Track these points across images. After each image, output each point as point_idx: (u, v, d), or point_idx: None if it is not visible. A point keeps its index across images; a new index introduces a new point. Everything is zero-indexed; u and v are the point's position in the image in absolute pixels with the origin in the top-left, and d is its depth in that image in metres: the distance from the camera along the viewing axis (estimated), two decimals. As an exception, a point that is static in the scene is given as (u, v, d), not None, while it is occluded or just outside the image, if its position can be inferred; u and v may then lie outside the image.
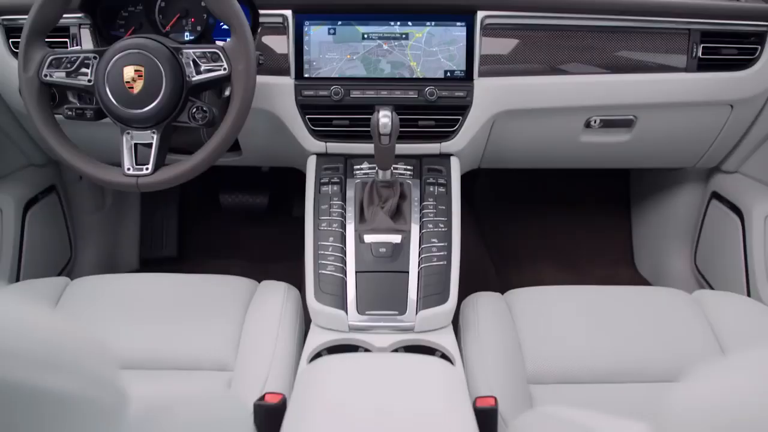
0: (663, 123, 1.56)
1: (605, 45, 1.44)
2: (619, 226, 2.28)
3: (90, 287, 1.35)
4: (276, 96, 1.41)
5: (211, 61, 1.20)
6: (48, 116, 1.22)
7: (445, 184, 1.40)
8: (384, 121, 1.20)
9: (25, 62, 1.20)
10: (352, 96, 1.40)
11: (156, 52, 1.18)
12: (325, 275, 1.29)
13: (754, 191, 1.69)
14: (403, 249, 1.31)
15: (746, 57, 1.47)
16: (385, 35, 1.40)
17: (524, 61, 1.43)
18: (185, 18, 1.42)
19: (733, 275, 1.69)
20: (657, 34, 1.44)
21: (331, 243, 1.31)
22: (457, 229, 1.35)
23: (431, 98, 1.39)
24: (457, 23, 1.39)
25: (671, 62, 1.46)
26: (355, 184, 1.40)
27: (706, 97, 1.49)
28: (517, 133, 1.54)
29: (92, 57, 1.21)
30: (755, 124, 1.60)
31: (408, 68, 1.41)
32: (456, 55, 1.40)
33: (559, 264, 2.20)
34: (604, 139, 1.58)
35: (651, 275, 2.13)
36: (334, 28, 1.39)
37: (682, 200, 1.99)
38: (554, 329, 1.25)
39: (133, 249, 2.21)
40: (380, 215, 1.33)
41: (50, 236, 1.86)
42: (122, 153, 1.21)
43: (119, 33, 1.45)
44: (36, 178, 1.80)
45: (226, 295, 1.32)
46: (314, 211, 1.37)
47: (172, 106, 1.19)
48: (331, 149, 1.46)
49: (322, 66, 1.40)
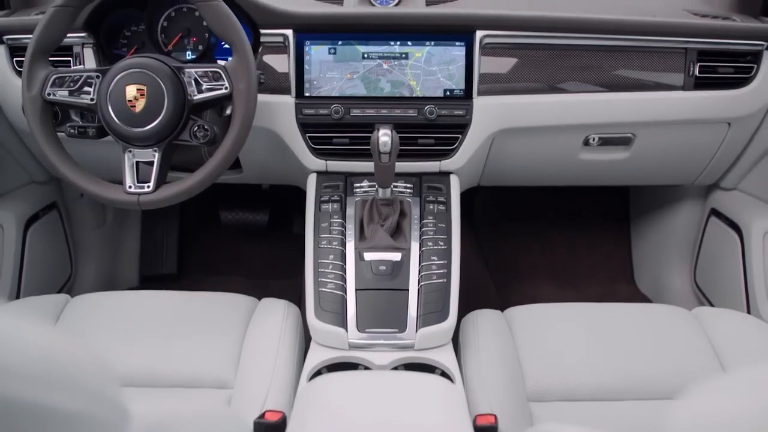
0: (661, 141, 1.57)
1: (603, 64, 1.45)
2: (619, 243, 2.28)
3: (90, 304, 1.35)
4: (277, 114, 1.42)
5: (212, 80, 1.21)
6: (50, 134, 1.23)
7: (444, 201, 1.41)
8: (384, 139, 1.21)
9: (29, 81, 1.21)
10: (353, 114, 1.41)
11: (158, 71, 1.19)
12: (325, 293, 1.29)
13: (752, 208, 1.70)
14: (402, 267, 1.31)
15: (742, 75, 1.49)
16: (385, 55, 1.41)
17: (523, 79, 1.44)
18: (187, 37, 1.44)
19: (732, 292, 1.69)
20: (654, 53, 1.46)
21: (332, 261, 1.32)
22: (457, 247, 1.35)
23: (431, 117, 1.40)
24: (456, 43, 1.40)
25: (668, 81, 1.47)
26: (355, 201, 1.41)
27: (703, 115, 1.50)
28: (516, 151, 1.54)
29: (95, 76, 1.22)
30: (752, 141, 1.61)
31: (408, 87, 1.42)
32: (455, 75, 1.41)
33: (558, 281, 2.20)
34: (603, 157, 1.59)
35: (651, 292, 2.13)
36: (335, 48, 1.41)
37: (682, 217, 1.99)
38: (554, 347, 1.24)
39: (133, 266, 2.21)
40: (380, 233, 1.33)
41: (51, 253, 1.86)
42: (124, 171, 1.22)
43: (122, 52, 1.47)
44: (37, 195, 1.81)
45: (226, 312, 1.32)
46: (314, 228, 1.37)
47: (174, 125, 1.20)
48: (331, 167, 1.46)
49: (323, 85, 1.42)
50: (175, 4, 1.42)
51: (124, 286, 2.17)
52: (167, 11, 1.43)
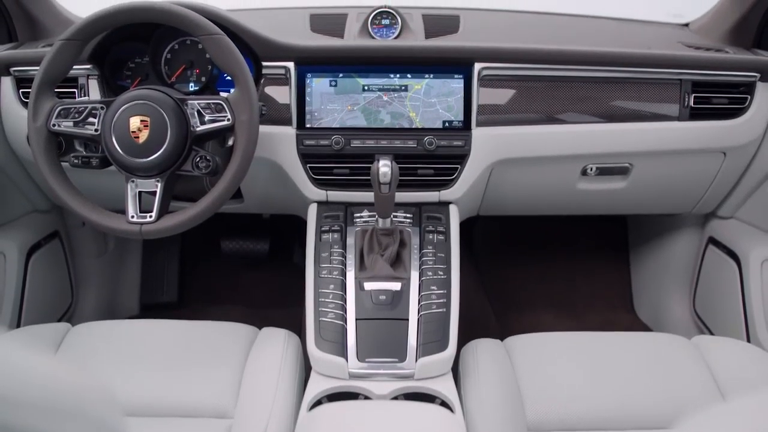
0: (658, 170, 1.58)
1: (600, 95, 1.47)
2: (618, 271, 2.28)
3: (91, 333, 1.35)
4: (278, 145, 1.44)
5: (215, 112, 1.22)
6: (54, 164, 1.24)
7: (444, 231, 1.42)
8: (384, 170, 1.22)
9: (35, 112, 1.22)
10: (353, 145, 1.43)
11: (161, 102, 1.21)
12: (326, 322, 1.29)
13: (749, 236, 1.70)
14: (402, 296, 1.31)
15: (737, 106, 1.51)
16: (384, 87, 1.43)
17: (521, 110, 1.46)
18: (190, 69, 1.46)
19: (732, 320, 1.69)
20: (650, 85, 1.48)
21: (332, 290, 1.32)
22: (456, 277, 1.36)
23: (430, 147, 1.42)
24: (454, 75, 1.43)
25: (664, 111, 1.49)
26: (355, 231, 1.42)
27: (699, 145, 1.52)
28: (515, 181, 1.56)
29: (99, 107, 1.24)
30: (748, 170, 1.62)
31: (407, 119, 1.44)
32: (454, 106, 1.43)
33: (558, 309, 2.19)
34: (601, 187, 1.60)
35: (650, 320, 2.13)
36: (336, 80, 1.43)
37: (680, 245, 2.00)
38: (554, 376, 1.24)
39: (133, 294, 2.21)
40: (380, 263, 1.34)
41: (52, 282, 1.86)
42: (126, 201, 1.23)
43: (126, 83, 1.49)
44: (40, 224, 1.82)
45: (227, 342, 1.32)
46: (315, 258, 1.38)
47: (177, 156, 1.21)
48: (331, 197, 1.48)
49: (324, 116, 1.44)
50: (179, 37, 1.44)
51: (124, 315, 2.16)
52: (171, 44, 1.45)
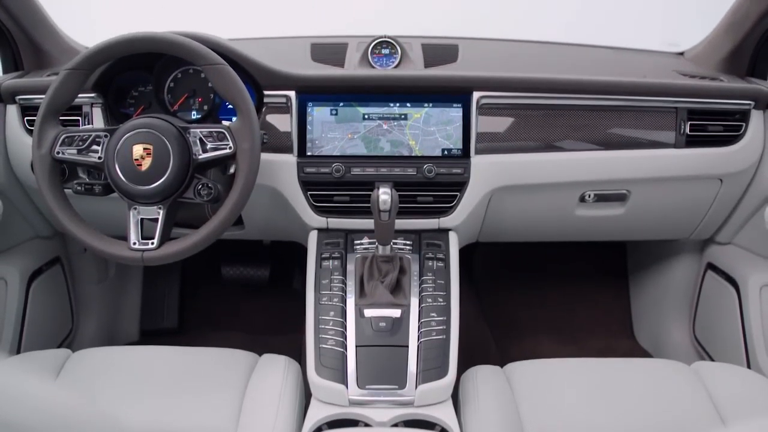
0: (656, 197, 1.60)
1: (597, 123, 1.49)
2: (618, 297, 2.29)
3: (91, 360, 1.35)
4: (279, 173, 1.46)
5: (217, 140, 1.23)
6: (58, 191, 1.25)
7: (443, 258, 1.43)
8: (384, 198, 1.24)
9: (40, 140, 1.24)
10: (353, 173, 1.44)
11: (164, 131, 1.22)
12: (326, 349, 1.29)
13: (747, 262, 1.71)
14: (402, 323, 1.32)
15: (732, 133, 1.53)
16: (384, 116, 1.45)
17: (519, 138, 1.48)
18: (193, 97, 1.48)
19: (732, 346, 1.69)
20: (646, 112, 1.50)
21: (332, 317, 1.33)
22: (456, 303, 1.36)
23: (429, 175, 1.43)
24: (453, 104, 1.45)
25: (661, 138, 1.51)
26: (355, 258, 1.42)
27: (695, 172, 1.54)
28: (514, 208, 1.57)
29: (103, 135, 1.25)
30: (745, 197, 1.64)
31: (407, 147, 1.46)
32: (453, 135, 1.45)
33: (558, 335, 2.19)
34: (599, 213, 1.62)
35: (650, 346, 2.13)
36: (336, 109, 1.45)
37: (679, 271, 2.01)
38: (554, 403, 1.24)
39: (133, 320, 2.21)
40: (380, 289, 1.34)
41: (52, 307, 1.86)
42: (128, 227, 1.24)
43: (129, 111, 1.50)
44: (41, 250, 1.83)
45: (227, 368, 1.32)
46: (315, 285, 1.39)
47: (179, 183, 1.23)
48: (332, 224, 1.49)
49: (324, 144, 1.45)
50: (182, 66, 1.46)
51: (124, 341, 2.16)
52: (174, 73, 1.47)
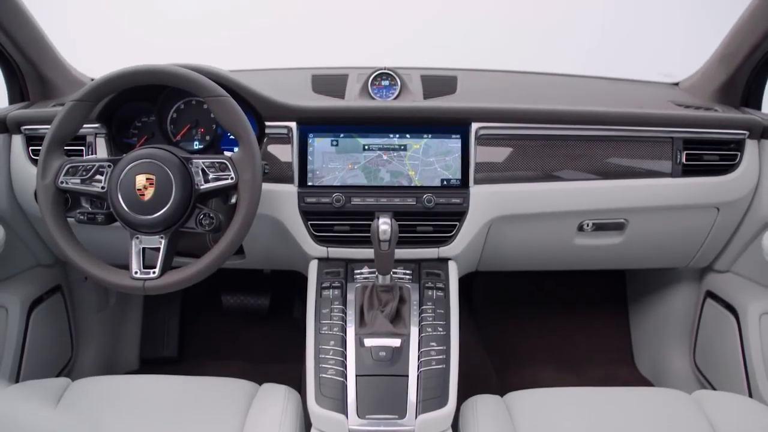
0: (653, 225, 1.61)
1: (595, 153, 1.51)
2: (618, 325, 2.28)
3: (90, 389, 1.34)
4: (280, 203, 1.47)
5: (219, 171, 1.25)
6: (61, 221, 1.26)
7: (443, 287, 1.43)
8: (384, 227, 1.25)
9: (44, 170, 1.25)
10: (353, 203, 1.46)
11: (167, 161, 1.24)
12: (326, 378, 1.29)
13: (746, 290, 1.72)
14: (402, 352, 1.32)
15: (728, 163, 1.55)
16: (384, 146, 1.47)
17: (518, 168, 1.49)
18: (195, 128, 1.50)
19: (732, 374, 1.69)
20: (643, 142, 1.52)
21: (332, 347, 1.33)
22: (456, 332, 1.37)
23: (429, 205, 1.45)
24: (452, 135, 1.47)
25: (658, 168, 1.53)
26: (355, 288, 1.43)
27: (692, 201, 1.55)
28: (513, 237, 1.58)
29: (107, 165, 1.26)
30: (742, 225, 1.65)
31: (406, 177, 1.47)
32: (452, 165, 1.47)
33: (558, 364, 2.19)
34: (597, 242, 1.63)
35: (651, 374, 2.12)
36: (337, 140, 1.47)
37: (678, 299, 2.01)
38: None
39: (133, 348, 2.20)
40: (380, 319, 1.35)
41: (52, 336, 1.86)
42: (130, 257, 1.24)
43: (132, 141, 1.52)
44: (43, 278, 1.83)
45: (227, 398, 1.32)
46: (315, 314, 1.39)
47: (181, 213, 1.23)
48: (332, 254, 1.50)
49: (325, 175, 1.47)
50: (185, 98, 1.49)
51: (124, 369, 2.15)
52: (177, 104, 1.50)
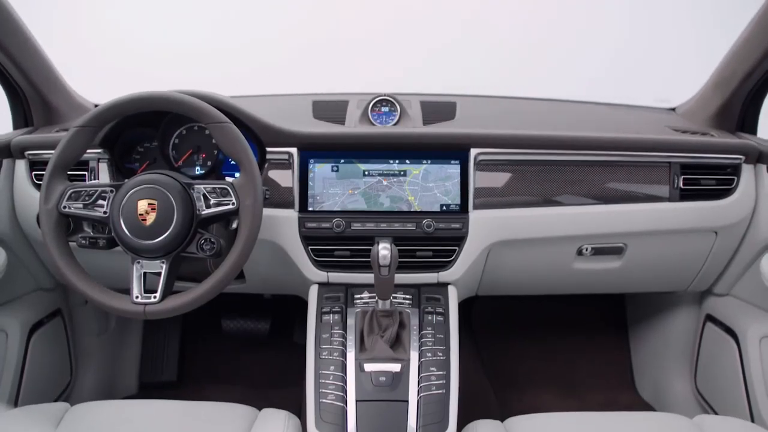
0: (652, 249, 1.61)
1: (593, 178, 1.52)
2: (618, 349, 2.28)
3: (89, 414, 1.34)
4: (280, 228, 1.48)
5: (220, 196, 1.25)
6: (63, 245, 1.27)
7: (443, 312, 1.44)
8: (384, 253, 1.26)
9: (47, 194, 1.26)
10: (353, 228, 1.47)
11: (169, 186, 1.25)
12: (326, 404, 1.29)
13: (746, 313, 1.71)
14: (402, 378, 1.32)
15: (724, 187, 1.56)
16: (384, 172, 1.49)
17: (517, 193, 1.51)
18: (197, 153, 1.51)
19: (734, 398, 1.68)
20: (640, 167, 1.54)
21: (332, 371, 1.33)
22: (456, 357, 1.37)
23: (428, 230, 1.46)
24: (451, 161, 1.48)
25: (655, 192, 1.54)
26: (355, 313, 1.43)
27: (690, 225, 1.56)
28: (512, 262, 1.59)
29: (109, 190, 1.27)
30: (740, 249, 1.65)
31: (406, 202, 1.48)
32: (451, 190, 1.48)
33: (559, 388, 2.18)
34: (597, 266, 1.63)
35: (652, 398, 2.11)
36: (337, 166, 1.49)
37: (678, 323, 2.01)
38: (555, 460, 1.23)
39: (132, 373, 2.20)
40: (380, 344, 1.35)
41: (52, 359, 1.86)
42: (131, 281, 1.25)
43: (134, 166, 1.54)
44: (43, 302, 1.83)
45: (226, 423, 1.31)
46: (315, 339, 1.39)
47: (182, 238, 1.24)
48: (332, 279, 1.50)
49: (325, 200, 1.48)
50: (187, 123, 1.50)
51: (122, 394, 2.15)
52: (179, 130, 1.51)
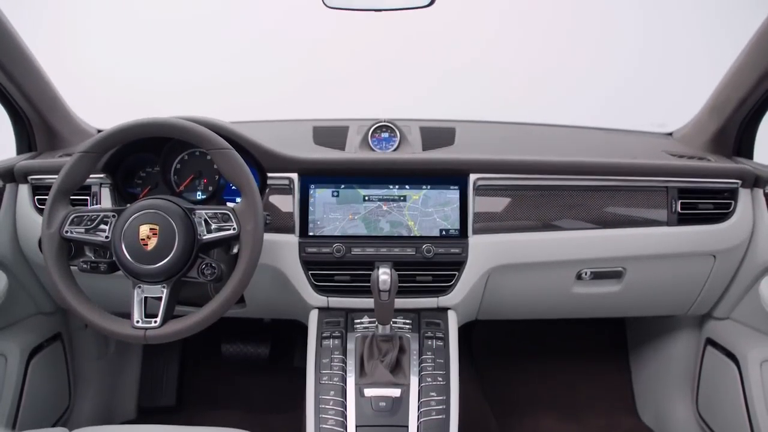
0: (651, 273, 1.62)
1: (591, 202, 1.54)
2: (619, 373, 2.27)
3: None
4: (281, 253, 1.48)
5: (221, 221, 1.26)
6: (64, 269, 1.28)
7: (442, 337, 1.44)
8: (383, 278, 1.26)
9: (50, 219, 1.27)
10: (353, 253, 1.47)
11: (170, 211, 1.26)
12: (326, 429, 1.29)
13: (746, 337, 1.71)
14: (402, 403, 1.31)
15: (722, 211, 1.57)
16: (384, 197, 1.50)
17: (516, 218, 1.51)
18: (198, 178, 1.52)
19: (736, 422, 1.67)
20: (638, 192, 1.55)
21: (332, 397, 1.33)
22: (456, 382, 1.37)
23: (428, 255, 1.46)
24: (451, 186, 1.49)
25: (654, 217, 1.55)
26: (355, 338, 1.43)
27: (688, 249, 1.57)
28: (512, 286, 1.59)
29: (111, 215, 1.28)
30: (739, 272, 1.66)
31: (406, 227, 1.49)
32: (451, 215, 1.49)
33: (559, 413, 2.16)
34: (596, 290, 1.64)
35: (653, 422, 2.10)
36: (338, 191, 1.50)
37: (679, 346, 2.00)
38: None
39: (131, 397, 2.18)
40: (380, 369, 1.35)
41: (51, 384, 1.85)
42: (132, 306, 1.25)
43: (136, 191, 1.55)
44: (43, 326, 1.83)
45: None
46: (315, 364, 1.39)
47: (183, 263, 1.25)
48: (332, 303, 1.51)
49: (326, 225, 1.49)
50: (188, 149, 1.52)
51: (121, 418, 2.13)
52: (181, 155, 1.52)
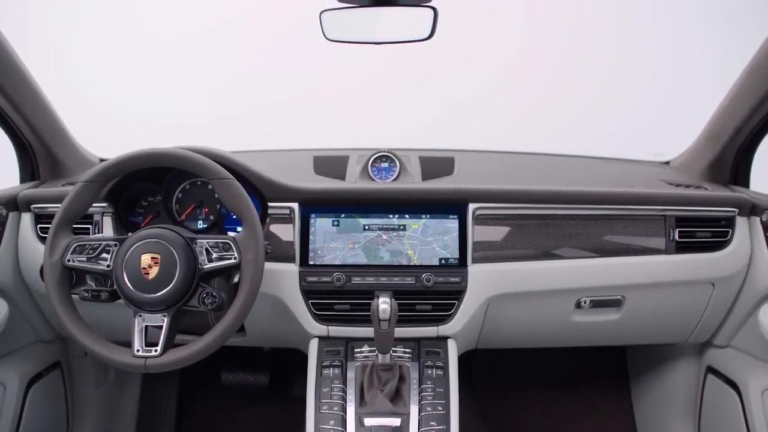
0: (650, 302, 1.62)
1: (590, 231, 1.55)
2: (620, 402, 2.25)
3: None
4: (281, 282, 1.49)
5: (222, 250, 1.27)
6: (66, 298, 1.28)
7: (442, 366, 1.44)
8: (383, 307, 1.27)
9: (52, 248, 1.27)
10: (353, 282, 1.48)
11: (172, 241, 1.27)
12: None
13: (747, 365, 1.71)
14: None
15: (720, 239, 1.58)
16: (384, 226, 1.51)
17: (515, 247, 1.52)
18: (200, 208, 1.54)
19: (738, 451, 1.67)
20: (636, 221, 1.56)
21: (332, 426, 1.32)
22: (455, 411, 1.36)
23: (428, 284, 1.47)
24: (450, 215, 1.51)
25: (652, 245, 1.56)
26: (355, 367, 1.43)
27: (687, 277, 1.58)
28: (512, 315, 1.59)
29: (113, 244, 1.29)
30: (738, 300, 1.66)
31: (405, 256, 1.50)
32: (450, 244, 1.50)
33: None
34: (596, 319, 1.64)
35: (656, 452, 2.08)
36: (338, 220, 1.51)
37: (680, 375, 1.99)
38: None
39: (129, 426, 2.17)
40: (380, 398, 1.35)
41: (49, 412, 1.84)
42: (133, 334, 1.25)
43: (138, 220, 1.56)
44: (43, 354, 1.83)
45: None
46: (315, 393, 1.39)
47: (184, 292, 1.25)
48: (332, 332, 1.51)
49: (326, 254, 1.50)
50: (190, 179, 1.53)
51: None
52: (182, 184, 1.54)
